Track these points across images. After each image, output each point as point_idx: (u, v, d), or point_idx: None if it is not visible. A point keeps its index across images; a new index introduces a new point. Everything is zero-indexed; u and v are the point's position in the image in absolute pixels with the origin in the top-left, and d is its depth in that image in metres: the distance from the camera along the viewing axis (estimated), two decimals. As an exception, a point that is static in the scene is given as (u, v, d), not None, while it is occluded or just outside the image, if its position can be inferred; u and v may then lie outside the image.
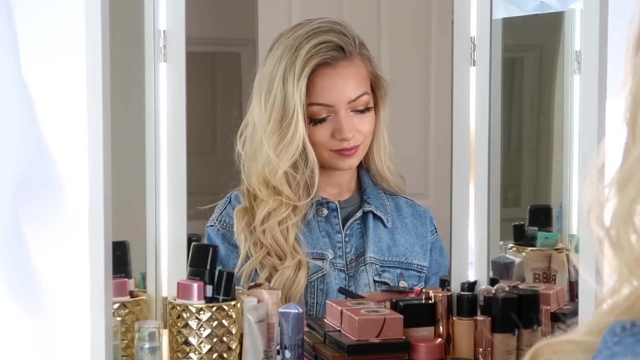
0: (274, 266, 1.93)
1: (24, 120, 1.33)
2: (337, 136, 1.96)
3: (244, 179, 1.96)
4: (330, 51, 1.94)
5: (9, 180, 1.31)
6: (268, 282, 1.87)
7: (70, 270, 1.34)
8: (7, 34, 1.30)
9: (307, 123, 1.92)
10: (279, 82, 1.92)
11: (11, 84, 1.31)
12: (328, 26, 1.96)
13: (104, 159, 1.33)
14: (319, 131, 1.96)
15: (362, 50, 1.99)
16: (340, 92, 1.95)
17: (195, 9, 1.82)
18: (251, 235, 1.93)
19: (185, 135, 1.67)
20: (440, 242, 2.08)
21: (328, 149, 1.97)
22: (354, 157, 1.99)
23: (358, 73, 1.97)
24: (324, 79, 1.94)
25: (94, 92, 1.33)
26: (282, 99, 1.91)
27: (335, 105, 1.95)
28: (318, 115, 1.95)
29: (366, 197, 2.04)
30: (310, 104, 1.93)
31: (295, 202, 1.93)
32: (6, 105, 1.31)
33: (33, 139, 1.34)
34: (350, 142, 1.96)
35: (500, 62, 1.97)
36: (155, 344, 1.57)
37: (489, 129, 1.83)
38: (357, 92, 1.96)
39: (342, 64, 1.95)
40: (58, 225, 1.35)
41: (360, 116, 1.97)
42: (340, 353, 1.66)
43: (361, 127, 1.97)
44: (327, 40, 1.94)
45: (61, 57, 1.35)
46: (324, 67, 1.94)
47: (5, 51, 1.30)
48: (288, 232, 1.95)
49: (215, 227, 1.96)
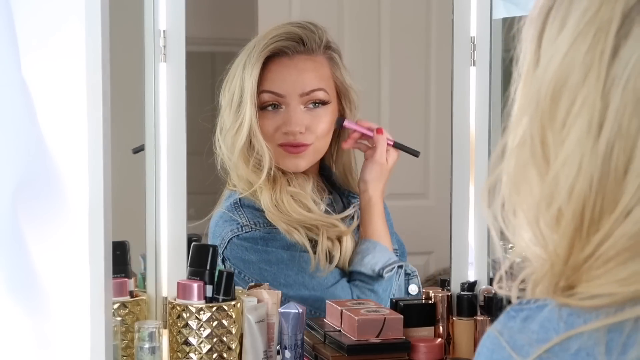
0: (338, 237, 1.90)
1: (24, 120, 1.33)
2: (284, 128, 1.90)
3: (237, 179, 1.94)
4: (289, 41, 1.90)
5: (9, 180, 1.31)
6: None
7: (70, 270, 1.34)
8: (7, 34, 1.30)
9: (257, 110, 1.89)
10: (238, 75, 1.89)
11: (11, 84, 1.31)
12: (300, 23, 1.93)
13: (104, 159, 1.33)
14: (267, 120, 1.91)
15: (329, 52, 1.94)
16: (294, 83, 1.91)
17: (195, 9, 1.82)
18: (288, 221, 1.88)
19: (185, 135, 1.67)
20: (390, 218, 2.05)
21: (275, 143, 1.91)
22: (300, 158, 1.92)
23: (317, 69, 1.93)
24: (278, 67, 1.91)
25: (94, 92, 1.33)
26: (240, 89, 1.88)
27: (286, 96, 1.91)
28: (266, 103, 1.90)
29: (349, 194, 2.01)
30: (262, 91, 1.90)
31: (258, 179, 1.88)
32: (6, 105, 1.31)
33: (33, 139, 1.34)
34: (298, 138, 1.91)
35: (500, 62, 1.97)
36: (155, 344, 1.57)
37: (489, 129, 1.83)
38: (312, 86, 1.92)
39: (301, 57, 1.91)
40: (58, 225, 1.35)
41: (314, 113, 1.92)
42: (340, 353, 1.66)
43: (313, 125, 1.92)
44: (290, 30, 1.91)
45: (61, 57, 1.34)
46: (281, 56, 1.90)
47: (5, 51, 1.30)
48: (307, 204, 1.90)
49: (255, 232, 1.90)
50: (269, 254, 1.87)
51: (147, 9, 1.65)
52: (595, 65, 0.70)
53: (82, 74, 1.33)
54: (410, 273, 1.95)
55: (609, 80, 0.70)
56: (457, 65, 1.84)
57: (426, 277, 2.09)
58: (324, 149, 1.96)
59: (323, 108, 1.93)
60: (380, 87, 2.33)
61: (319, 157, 1.97)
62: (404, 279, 1.94)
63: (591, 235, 0.72)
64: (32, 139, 1.34)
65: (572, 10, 0.72)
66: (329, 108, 1.94)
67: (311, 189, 1.94)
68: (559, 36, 0.73)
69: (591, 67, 0.71)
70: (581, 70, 0.71)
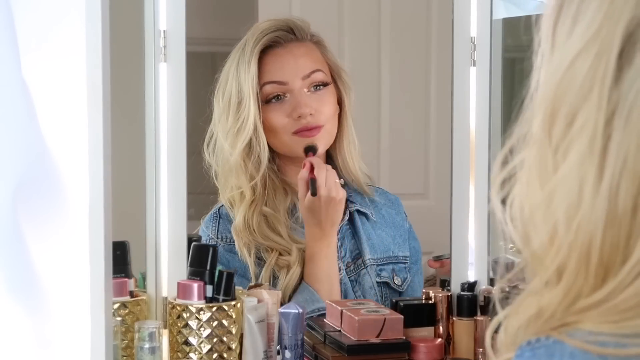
0: (289, 264, 1.90)
1: (24, 121, 1.33)
2: (294, 114, 1.91)
3: (220, 190, 1.93)
4: (280, 31, 1.93)
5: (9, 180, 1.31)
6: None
7: (70, 270, 1.34)
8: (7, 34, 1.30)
9: (261, 104, 1.89)
10: (233, 76, 1.90)
11: (11, 84, 1.31)
12: (278, 18, 1.96)
13: (104, 159, 1.33)
14: (275, 113, 1.91)
15: (315, 37, 1.97)
16: (293, 67, 1.92)
17: (195, 9, 1.82)
18: (253, 242, 1.91)
19: (185, 135, 1.67)
20: (411, 227, 2.05)
21: (289, 133, 1.92)
22: (317, 141, 1.92)
23: (310, 53, 1.95)
24: (275, 57, 1.92)
25: (94, 92, 1.33)
26: (237, 89, 1.89)
27: (289, 82, 1.91)
28: (272, 94, 1.91)
29: (349, 194, 1.99)
30: (264, 83, 1.91)
31: (249, 189, 1.88)
32: (6, 105, 1.31)
33: (33, 139, 1.34)
34: (310, 121, 1.91)
35: (500, 62, 1.97)
36: (155, 344, 1.56)
37: (489, 129, 1.83)
38: (311, 67, 1.93)
39: (293, 44, 1.93)
40: (58, 225, 1.35)
41: (318, 94, 1.93)
42: (340, 353, 1.66)
43: (320, 106, 1.92)
44: (277, 22, 1.94)
45: (61, 57, 1.34)
46: (275, 47, 1.92)
47: (5, 51, 1.30)
48: (278, 226, 1.92)
49: (219, 245, 1.91)
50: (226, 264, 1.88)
51: (147, 9, 1.65)
52: (596, 88, 0.68)
53: (82, 74, 1.33)
54: None
55: (611, 107, 0.67)
56: (457, 65, 1.84)
57: (426, 277, 2.09)
58: (334, 132, 1.96)
59: (325, 89, 1.95)
60: (380, 87, 2.33)
61: (331, 141, 1.96)
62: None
63: (599, 278, 0.68)
64: (32, 139, 1.34)
65: (579, 19, 0.70)
66: (330, 89, 1.96)
67: (286, 209, 1.93)
68: (568, 41, 0.70)
69: (592, 88, 0.68)
70: (582, 90, 0.68)
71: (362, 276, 1.96)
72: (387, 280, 1.98)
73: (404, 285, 1.99)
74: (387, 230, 2.02)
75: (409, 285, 1.99)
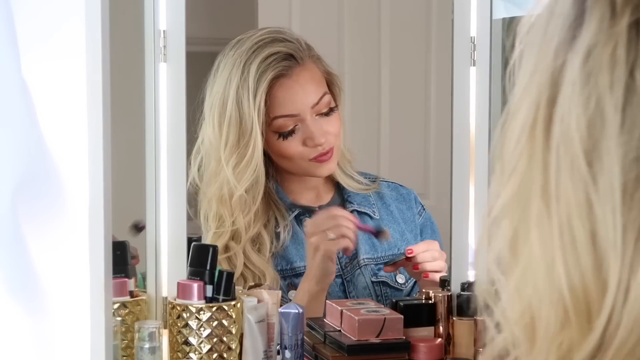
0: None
1: (24, 120, 1.33)
2: (310, 144, 1.91)
3: (200, 207, 1.91)
4: (282, 61, 1.89)
5: (9, 180, 1.31)
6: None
7: (70, 270, 1.34)
8: (7, 34, 1.30)
9: (271, 136, 1.89)
10: (233, 103, 1.87)
11: (11, 84, 1.31)
12: (270, 36, 1.91)
13: (104, 159, 1.33)
14: (290, 144, 1.92)
15: (310, 51, 1.94)
16: (302, 98, 1.91)
17: (195, 9, 1.82)
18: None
19: (185, 135, 1.67)
20: (430, 219, 2.04)
21: (306, 159, 1.93)
22: (331, 162, 1.94)
23: (313, 76, 1.93)
24: (282, 90, 1.89)
25: (94, 92, 1.33)
26: (238, 119, 1.86)
27: (300, 113, 1.90)
28: (285, 128, 1.90)
29: (347, 195, 2.00)
30: (275, 117, 1.89)
31: (241, 227, 1.88)
32: (6, 105, 1.31)
33: (33, 139, 1.34)
34: (324, 146, 1.92)
35: (500, 62, 1.97)
36: (155, 344, 1.57)
37: (489, 129, 1.83)
38: (318, 94, 1.92)
39: (296, 70, 1.90)
40: (58, 225, 1.35)
41: (327, 119, 1.93)
42: (340, 353, 1.66)
43: (329, 128, 1.93)
44: (275, 51, 1.89)
45: (61, 57, 1.35)
46: (280, 78, 1.89)
47: (5, 51, 1.30)
48: (259, 253, 1.91)
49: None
50: None
51: (147, 9, 1.65)
52: (530, 128, 0.64)
53: (82, 74, 1.33)
54: None
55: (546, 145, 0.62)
56: (457, 65, 1.84)
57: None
58: (341, 145, 1.98)
59: (331, 110, 1.96)
60: (380, 87, 2.33)
61: (339, 154, 1.98)
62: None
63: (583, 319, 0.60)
64: (32, 139, 1.34)
65: (524, 56, 0.66)
66: (335, 109, 1.96)
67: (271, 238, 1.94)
68: (520, 70, 0.66)
69: (531, 127, 0.63)
70: (522, 129, 0.65)
71: (357, 276, 1.96)
72: (385, 279, 1.97)
73: (407, 283, 1.98)
74: (395, 226, 2.01)
75: (416, 283, 1.98)
